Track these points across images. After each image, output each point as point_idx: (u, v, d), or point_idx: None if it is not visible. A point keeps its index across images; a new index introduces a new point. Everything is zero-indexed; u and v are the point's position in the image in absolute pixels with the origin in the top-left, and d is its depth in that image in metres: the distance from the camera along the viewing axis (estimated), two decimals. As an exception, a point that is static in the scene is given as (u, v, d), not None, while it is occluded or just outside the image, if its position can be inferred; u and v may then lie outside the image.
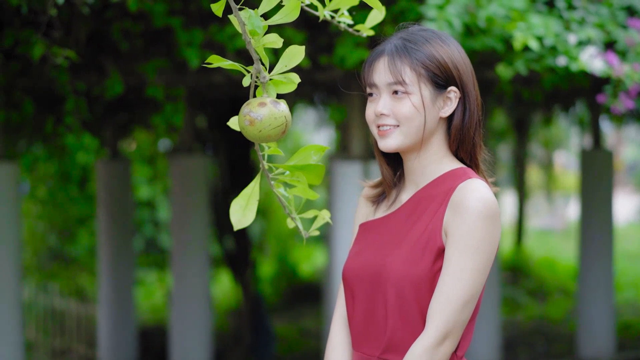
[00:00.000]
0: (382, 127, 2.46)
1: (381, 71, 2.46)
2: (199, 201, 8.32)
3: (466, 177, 2.43)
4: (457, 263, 2.33)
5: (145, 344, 9.71)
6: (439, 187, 2.45)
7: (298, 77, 2.12)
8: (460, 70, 2.46)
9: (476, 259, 2.33)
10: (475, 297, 2.35)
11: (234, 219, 2.21)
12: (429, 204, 2.44)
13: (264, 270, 12.90)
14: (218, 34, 5.33)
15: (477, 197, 2.35)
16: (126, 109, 8.62)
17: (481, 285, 2.36)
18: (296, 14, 2.09)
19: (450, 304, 2.32)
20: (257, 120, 2.07)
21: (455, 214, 2.36)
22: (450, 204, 2.38)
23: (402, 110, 2.42)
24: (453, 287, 2.33)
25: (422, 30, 2.51)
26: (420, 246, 2.39)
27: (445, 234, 2.38)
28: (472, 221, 2.33)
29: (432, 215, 2.42)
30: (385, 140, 2.46)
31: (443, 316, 2.33)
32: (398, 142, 2.45)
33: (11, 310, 6.31)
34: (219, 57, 2.09)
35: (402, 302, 2.39)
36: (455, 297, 2.33)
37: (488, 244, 2.35)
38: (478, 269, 2.34)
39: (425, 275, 2.37)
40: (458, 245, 2.34)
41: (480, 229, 2.33)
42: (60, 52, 4.46)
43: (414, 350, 2.33)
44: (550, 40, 4.84)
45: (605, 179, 9.05)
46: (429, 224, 2.41)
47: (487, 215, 2.34)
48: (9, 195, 6.32)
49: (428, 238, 2.39)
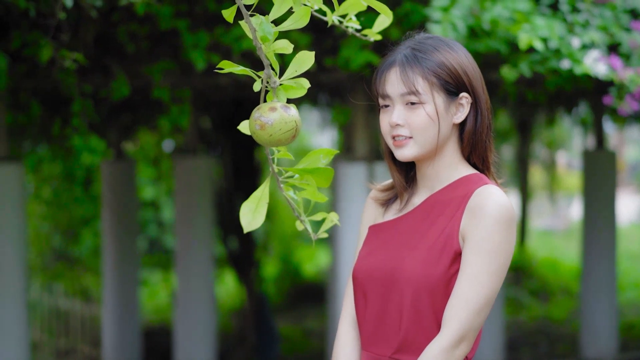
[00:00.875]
0: (398, 138, 2.48)
1: (394, 82, 2.48)
2: (204, 202, 8.36)
3: (482, 183, 2.47)
4: (475, 267, 2.37)
5: (150, 344, 9.75)
6: (455, 192, 2.49)
7: (308, 82, 2.15)
8: (470, 76, 2.50)
9: (494, 262, 2.38)
10: (492, 301, 2.40)
11: (244, 222, 2.24)
12: (444, 208, 2.48)
13: (268, 270, 12.93)
14: (224, 36, 5.36)
15: (495, 202, 2.40)
16: (131, 110, 8.66)
17: (498, 289, 2.40)
18: (306, 20, 2.12)
19: (468, 307, 2.37)
20: (268, 124, 2.09)
21: (472, 218, 2.40)
22: (468, 209, 2.42)
23: (417, 121, 2.45)
24: (471, 291, 2.37)
25: (429, 39, 2.53)
26: (437, 249, 2.43)
27: (462, 238, 2.42)
28: (490, 226, 2.38)
29: (448, 219, 2.45)
30: (402, 150, 2.49)
31: (460, 319, 2.37)
32: (414, 152, 2.48)
33: (17, 310, 6.34)
34: (230, 62, 2.12)
35: (418, 303, 2.42)
36: (473, 300, 2.37)
37: (505, 248, 2.39)
38: (495, 273, 2.38)
39: (442, 278, 2.40)
40: (476, 250, 2.38)
41: (497, 233, 2.38)
42: (69, 55, 4.50)
43: (430, 351, 2.37)
44: (555, 42, 4.87)
45: (608, 179, 9.07)
46: (445, 228, 2.45)
47: (504, 220, 2.39)
48: (14, 196, 6.35)
49: (445, 241, 2.43)
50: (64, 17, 4.19)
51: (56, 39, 4.66)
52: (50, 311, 10.59)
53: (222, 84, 6.47)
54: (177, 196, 8.48)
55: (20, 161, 6.51)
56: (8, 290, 6.30)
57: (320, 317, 11.40)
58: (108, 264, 8.97)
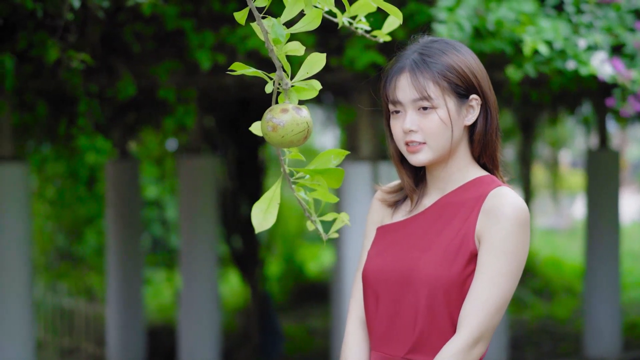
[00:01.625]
0: (412, 144, 2.49)
1: (404, 88, 2.49)
2: (208, 201, 8.37)
3: (496, 185, 2.49)
4: (492, 268, 2.39)
5: (154, 343, 9.76)
6: (468, 194, 2.51)
7: (319, 83, 2.16)
8: (478, 77, 2.51)
9: (510, 264, 2.40)
10: (508, 302, 2.42)
11: (256, 222, 2.25)
12: (458, 209, 2.49)
13: (271, 269, 12.94)
14: (229, 36, 5.37)
15: (510, 203, 2.42)
16: (135, 110, 8.67)
17: (513, 290, 2.43)
18: (318, 22, 2.13)
19: (485, 308, 2.39)
20: (280, 126, 2.11)
21: (489, 220, 2.42)
22: (483, 211, 2.44)
23: (430, 126, 2.46)
24: (488, 292, 2.39)
25: (434, 42, 2.54)
26: (452, 250, 2.45)
27: (478, 239, 2.44)
28: (506, 228, 2.40)
29: (463, 220, 2.47)
30: (416, 156, 2.50)
31: (478, 320, 2.38)
32: (429, 157, 2.49)
33: (22, 309, 6.36)
34: (242, 64, 2.14)
35: (433, 304, 2.44)
36: (490, 301, 2.39)
37: (521, 249, 2.42)
38: (512, 274, 2.41)
39: (457, 279, 2.42)
40: (493, 252, 2.40)
41: (514, 235, 2.40)
42: (76, 56, 4.51)
43: (447, 351, 2.38)
44: (560, 43, 4.88)
45: (611, 178, 9.08)
46: (460, 229, 2.46)
47: (520, 222, 2.41)
48: (19, 195, 6.37)
49: (460, 242, 2.45)
50: (71, 18, 4.21)
51: (63, 39, 4.68)
52: (54, 310, 10.61)
53: (227, 84, 6.48)
54: (181, 196, 8.49)
55: (25, 161, 6.54)
56: (13, 290, 6.32)
57: (323, 316, 11.41)
58: (112, 263, 8.99)
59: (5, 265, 6.29)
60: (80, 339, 10.15)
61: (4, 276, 6.29)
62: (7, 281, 6.30)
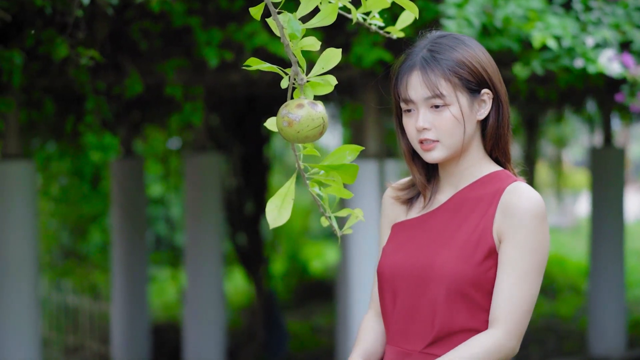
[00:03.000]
0: (426, 142, 2.50)
1: (416, 86, 2.49)
2: (213, 199, 8.38)
3: (511, 180, 2.50)
4: (521, 266, 2.41)
5: (159, 341, 9.76)
6: (484, 189, 2.51)
7: (335, 79, 2.16)
8: (489, 71, 2.52)
9: (537, 259, 2.43)
10: (537, 297, 2.44)
11: (270, 218, 2.26)
12: (475, 205, 2.50)
13: (275, 267, 12.95)
14: (236, 33, 5.37)
15: (528, 198, 2.44)
16: (140, 108, 8.68)
17: (540, 285, 2.45)
18: (333, 17, 2.14)
19: (519, 305, 2.41)
20: (295, 121, 2.11)
21: (508, 217, 2.44)
22: (500, 206, 2.45)
23: (444, 123, 2.47)
24: (519, 290, 2.41)
25: (443, 37, 2.54)
26: (471, 245, 2.45)
27: (498, 235, 2.45)
28: (528, 224, 2.42)
29: (481, 216, 2.48)
30: (430, 154, 2.50)
31: (513, 317, 2.40)
32: (443, 154, 2.50)
33: (28, 307, 6.36)
34: (257, 59, 2.14)
35: (452, 299, 2.44)
36: (523, 299, 2.41)
37: (544, 243, 2.44)
38: (539, 269, 2.44)
39: (476, 274, 2.43)
40: (519, 249, 2.41)
41: (535, 229, 2.42)
42: (85, 53, 4.51)
43: (481, 344, 2.39)
44: (568, 41, 4.88)
45: (616, 176, 9.08)
46: (478, 224, 2.47)
47: (540, 216, 2.43)
48: (26, 193, 6.37)
49: (479, 237, 2.45)
50: (81, 15, 4.21)
51: (72, 36, 4.68)
52: (58, 308, 10.61)
53: (233, 81, 6.48)
54: (186, 193, 8.50)
55: (31, 158, 6.54)
56: (19, 288, 6.32)
57: (327, 314, 11.41)
58: (117, 260, 8.99)
59: (11, 263, 6.29)
60: (85, 336, 10.15)
61: (10, 274, 6.29)
62: (13, 279, 6.30)
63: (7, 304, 6.28)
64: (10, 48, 4.88)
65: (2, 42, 5.01)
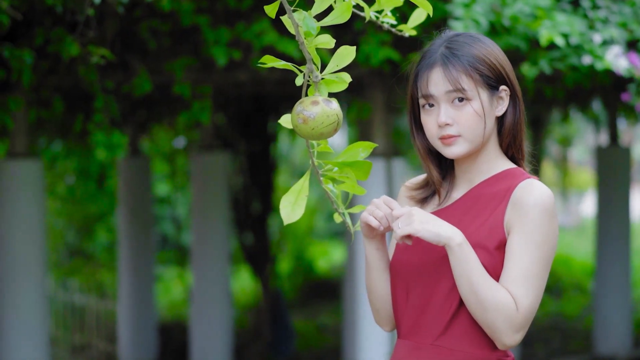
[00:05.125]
0: (447, 137, 2.51)
1: (437, 82, 2.50)
2: (219, 198, 8.39)
3: (524, 177, 2.52)
4: (525, 259, 2.42)
5: (165, 340, 9.78)
6: (498, 185, 2.53)
7: (349, 76, 2.18)
8: (506, 68, 2.54)
9: (544, 253, 2.44)
10: (543, 290, 2.47)
11: (284, 214, 2.28)
12: (488, 201, 2.52)
13: (281, 266, 12.97)
14: (245, 32, 5.39)
15: (538, 194, 2.45)
16: (147, 107, 8.70)
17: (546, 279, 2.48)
18: (348, 15, 2.15)
19: (535, 298, 2.43)
20: (310, 118, 2.13)
21: (517, 212, 2.45)
22: (511, 202, 2.47)
23: (465, 118, 2.48)
24: (524, 284, 2.41)
25: (458, 36, 2.56)
26: (482, 240, 2.47)
27: (507, 228, 2.46)
28: (536, 218, 2.43)
29: (492, 211, 2.50)
30: (451, 148, 2.51)
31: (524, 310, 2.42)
32: (464, 149, 2.51)
33: (36, 306, 6.37)
34: (272, 57, 2.16)
35: None
36: (537, 292, 2.44)
37: (552, 238, 2.46)
38: (546, 262, 2.45)
39: (487, 266, 2.45)
40: (524, 241, 2.43)
41: (544, 223, 2.44)
42: (97, 52, 4.53)
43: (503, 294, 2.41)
44: (576, 38, 4.89)
45: (622, 175, 9.09)
46: (489, 218, 2.49)
47: (549, 211, 2.45)
48: (34, 192, 6.39)
49: (489, 231, 2.47)
50: (92, 13, 4.23)
51: (83, 35, 4.70)
52: (65, 307, 10.63)
53: (241, 80, 6.50)
54: (193, 192, 8.52)
55: (39, 157, 6.55)
56: (28, 287, 6.33)
57: (333, 313, 11.43)
58: (123, 259, 9.01)
59: (19, 262, 6.30)
60: (92, 335, 10.18)
61: (19, 273, 6.30)
62: (21, 278, 6.31)
63: (15, 303, 6.30)
64: (19, 47, 4.90)
65: (12, 41, 5.03)
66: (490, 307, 2.40)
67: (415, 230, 2.40)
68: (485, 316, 2.41)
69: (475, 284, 2.40)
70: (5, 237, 6.29)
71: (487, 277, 2.42)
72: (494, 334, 2.43)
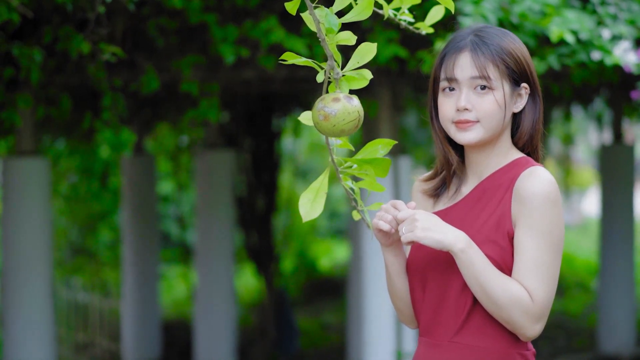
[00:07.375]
0: (464, 122, 2.50)
1: (464, 66, 2.50)
2: (224, 196, 8.39)
3: (529, 165, 2.51)
4: (534, 252, 2.41)
5: (169, 338, 9.78)
6: (504, 176, 2.53)
7: (370, 73, 2.18)
8: (531, 66, 2.55)
9: (552, 241, 2.44)
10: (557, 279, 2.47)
11: (303, 211, 2.28)
12: (494, 192, 2.52)
13: (284, 265, 12.97)
14: (252, 30, 5.38)
15: (540, 182, 2.45)
16: (151, 106, 8.69)
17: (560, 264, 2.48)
18: (369, 12, 2.15)
19: (549, 287, 2.43)
20: (331, 115, 2.13)
21: (520, 200, 2.45)
22: (515, 191, 2.47)
23: (487, 106, 2.49)
24: (536, 276, 2.40)
25: (488, 27, 2.57)
26: (491, 232, 2.48)
27: (514, 220, 2.46)
28: (539, 206, 2.43)
29: (498, 202, 2.50)
30: (465, 133, 2.51)
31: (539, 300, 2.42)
32: (479, 136, 2.51)
33: (42, 304, 6.37)
34: (293, 54, 2.16)
35: None
36: (550, 281, 2.43)
37: (558, 224, 2.45)
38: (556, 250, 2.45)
39: (498, 259, 2.45)
40: (531, 233, 2.43)
41: (548, 212, 2.44)
42: (108, 49, 4.53)
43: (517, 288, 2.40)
44: (585, 34, 4.88)
45: (625, 174, 9.08)
46: (496, 210, 2.49)
47: (552, 198, 2.44)
48: (40, 190, 6.38)
49: (497, 223, 2.48)
50: (103, 11, 4.22)
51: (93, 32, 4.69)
52: (68, 305, 10.63)
53: (248, 78, 6.50)
54: (197, 191, 8.52)
55: (45, 155, 6.55)
56: (34, 286, 6.33)
57: (337, 311, 11.43)
58: (127, 258, 9.01)
59: (26, 260, 6.30)
60: (95, 333, 10.17)
61: (25, 272, 6.30)
62: (27, 277, 6.31)
63: (21, 301, 6.30)
64: (27, 45, 4.90)
65: (20, 39, 5.02)
66: (504, 305, 2.40)
67: (418, 237, 2.42)
68: (501, 313, 2.41)
69: (484, 284, 2.40)
70: (11, 235, 6.29)
71: (496, 275, 2.41)
72: (514, 328, 2.44)
